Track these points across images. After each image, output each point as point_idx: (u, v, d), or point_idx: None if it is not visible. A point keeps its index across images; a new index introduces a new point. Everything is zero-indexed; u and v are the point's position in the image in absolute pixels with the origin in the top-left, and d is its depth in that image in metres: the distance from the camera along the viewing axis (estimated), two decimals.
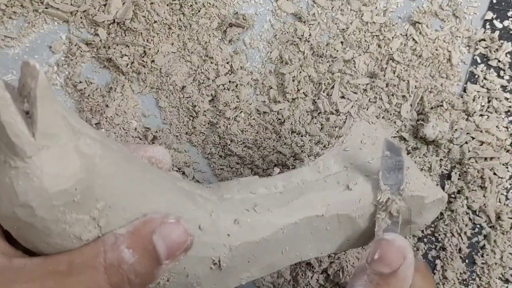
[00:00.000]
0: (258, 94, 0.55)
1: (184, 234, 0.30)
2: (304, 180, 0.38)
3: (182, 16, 0.56)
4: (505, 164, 0.53)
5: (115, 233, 0.28)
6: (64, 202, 0.26)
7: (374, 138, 0.41)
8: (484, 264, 0.50)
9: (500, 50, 0.56)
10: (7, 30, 0.55)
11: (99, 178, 0.28)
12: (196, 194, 0.34)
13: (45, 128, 0.25)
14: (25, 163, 0.25)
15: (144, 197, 0.30)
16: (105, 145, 0.29)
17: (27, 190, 0.26)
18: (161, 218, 0.30)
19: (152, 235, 0.29)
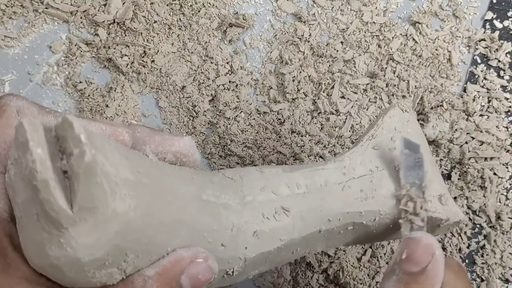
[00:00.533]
0: (258, 94, 0.55)
1: (210, 274, 0.30)
2: (328, 182, 0.36)
3: (182, 16, 0.56)
4: (505, 164, 0.53)
5: (143, 275, 0.28)
6: (95, 266, 0.26)
7: (406, 135, 0.38)
8: (484, 264, 0.50)
9: (500, 50, 0.56)
10: (7, 30, 0.55)
11: (131, 235, 0.27)
12: (220, 205, 0.33)
13: (85, 203, 0.25)
14: (60, 232, 0.25)
15: (169, 235, 0.29)
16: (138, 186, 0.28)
17: (59, 257, 0.25)
18: (190, 257, 0.29)
19: (180, 276, 0.29)
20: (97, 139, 0.26)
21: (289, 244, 0.35)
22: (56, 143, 0.26)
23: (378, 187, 0.37)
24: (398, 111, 0.39)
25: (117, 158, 0.27)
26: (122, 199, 0.26)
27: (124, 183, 0.27)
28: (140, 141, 0.33)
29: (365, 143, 0.38)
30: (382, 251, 0.51)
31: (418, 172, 0.36)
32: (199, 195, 0.32)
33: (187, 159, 0.34)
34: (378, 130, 0.38)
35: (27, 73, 0.55)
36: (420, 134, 0.40)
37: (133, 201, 0.27)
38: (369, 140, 0.38)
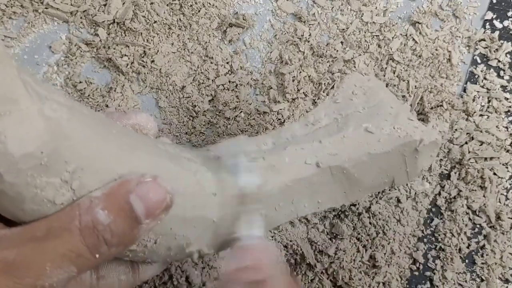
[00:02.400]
0: (258, 94, 0.55)
1: (162, 192, 0.30)
2: (294, 135, 0.37)
3: (182, 16, 0.56)
4: (505, 164, 0.53)
5: (90, 196, 0.28)
6: (31, 166, 0.26)
7: (366, 88, 0.39)
8: (484, 264, 0.50)
9: (500, 50, 0.56)
10: (7, 30, 0.55)
11: (68, 140, 0.27)
12: (181, 156, 0.33)
13: (4, 93, 0.25)
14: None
15: (120, 159, 0.29)
16: (75, 110, 0.28)
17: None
18: (137, 178, 0.29)
19: (128, 195, 0.29)
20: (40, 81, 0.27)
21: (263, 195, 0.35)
22: None
23: (345, 129, 0.37)
24: (357, 74, 0.41)
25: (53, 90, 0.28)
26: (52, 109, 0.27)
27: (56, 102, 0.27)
28: None
29: (327, 100, 0.39)
30: (382, 251, 0.51)
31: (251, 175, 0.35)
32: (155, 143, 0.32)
33: (146, 132, 0.35)
34: (338, 90, 0.40)
35: None
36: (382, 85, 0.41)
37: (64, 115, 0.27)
38: (331, 98, 0.39)
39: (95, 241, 0.28)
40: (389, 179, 0.39)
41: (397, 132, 0.37)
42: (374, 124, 0.37)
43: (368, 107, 0.38)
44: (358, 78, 0.40)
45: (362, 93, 0.39)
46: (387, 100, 0.39)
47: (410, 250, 0.51)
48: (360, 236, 0.51)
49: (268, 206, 0.35)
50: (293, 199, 0.36)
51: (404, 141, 0.37)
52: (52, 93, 0.28)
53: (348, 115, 0.38)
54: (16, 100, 0.26)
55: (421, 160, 0.39)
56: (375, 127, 0.37)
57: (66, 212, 0.28)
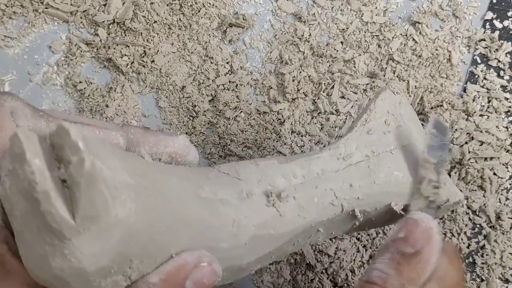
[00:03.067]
0: (258, 94, 0.55)
1: (215, 277, 0.30)
2: (324, 170, 0.36)
3: (182, 16, 0.56)
4: (505, 164, 0.53)
5: (147, 282, 0.28)
6: (101, 275, 0.26)
7: (399, 118, 0.38)
8: (484, 264, 0.50)
9: (500, 50, 0.56)
10: (7, 30, 0.55)
11: (134, 239, 0.27)
12: (218, 201, 0.32)
13: (87, 213, 0.24)
14: (63, 243, 0.24)
15: (171, 235, 0.29)
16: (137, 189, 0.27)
17: (63, 268, 0.25)
18: (194, 262, 0.29)
19: (185, 281, 0.29)
20: (93, 144, 0.25)
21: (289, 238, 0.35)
22: (52, 152, 0.25)
23: (376, 173, 0.36)
24: (389, 93, 0.39)
25: (114, 161, 0.27)
26: (122, 204, 0.26)
27: (123, 186, 0.26)
28: (134, 142, 0.32)
29: (359, 128, 0.38)
30: None
31: (442, 154, 0.35)
32: (197, 193, 0.32)
33: (182, 159, 0.34)
34: (371, 115, 0.38)
35: (27, 73, 0.55)
36: (413, 115, 0.40)
37: (133, 204, 0.26)
38: (363, 125, 0.38)
39: None
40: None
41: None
42: (405, 172, 0.37)
43: (400, 146, 0.37)
44: (391, 100, 0.39)
45: (395, 126, 0.38)
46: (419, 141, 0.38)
47: None
48: (360, 236, 0.51)
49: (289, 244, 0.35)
50: (311, 235, 0.36)
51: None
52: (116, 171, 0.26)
53: (380, 155, 0.37)
54: (97, 216, 0.25)
55: (438, 214, 0.39)
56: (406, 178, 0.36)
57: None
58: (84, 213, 0.24)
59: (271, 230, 0.34)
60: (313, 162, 0.36)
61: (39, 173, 0.23)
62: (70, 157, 0.24)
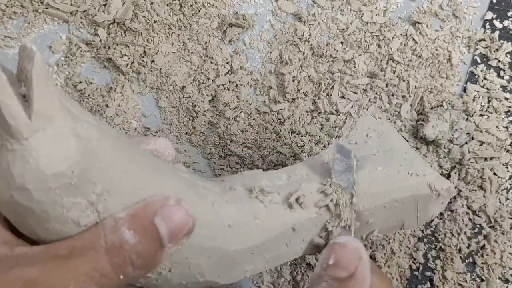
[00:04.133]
0: (258, 94, 0.55)
1: (185, 216, 0.30)
2: (308, 172, 0.37)
3: (182, 16, 0.56)
4: (505, 164, 0.53)
5: (114, 216, 0.28)
6: (60, 185, 0.26)
7: (380, 132, 0.40)
8: (484, 264, 0.50)
9: (500, 50, 0.56)
10: (7, 30, 0.55)
11: (97, 162, 0.27)
12: (199, 185, 0.33)
13: (41, 109, 0.25)
14: (21, 145, 0.25)
15: (144, 183, 0.30)
16: (104, 131, 0.29)
17: (23, 172, 0.26)
18: (162, 200, 0.29)
19: (153, 217, 0.29)
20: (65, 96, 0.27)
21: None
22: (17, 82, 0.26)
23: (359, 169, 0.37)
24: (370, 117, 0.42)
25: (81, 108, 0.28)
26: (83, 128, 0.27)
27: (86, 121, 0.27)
28: None
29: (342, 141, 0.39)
30: (382, 251, 0.51)
31: (349, 177, 0.36)
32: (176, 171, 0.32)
33: (165, 158, 0.35)
34: (352, 131, 0.40)
35: None
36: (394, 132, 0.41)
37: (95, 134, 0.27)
38: (345, 139, 0.40)
39: (121, 261, 0.28)
40: (399, 223, 0.39)
41: (411, 178, 0.37)
42: (389, 168, 0.37)
43: (382, 150, 0.38)
44: (372, 121, 0.41)
45: (377, 137, 0.39)
46: (401, 145, 0.39)
47: (410, 250, 0.51)
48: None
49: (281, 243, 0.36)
50: (303, 238, 0.36)
51: (418, 189, 0.37)
52: (81, 112, 0.28)
53: (363, 157, 0.38)
54: (51, 117, 0.26)
55: (432, 207, 0.39)
56: (390, 171, 0.37)
57: (91, 231, 0.28)
58: (37, 108, 0.25)
59: (257, 219, 0.34)
60: (297, 167, 0.38)
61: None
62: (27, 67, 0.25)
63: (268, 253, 0.35)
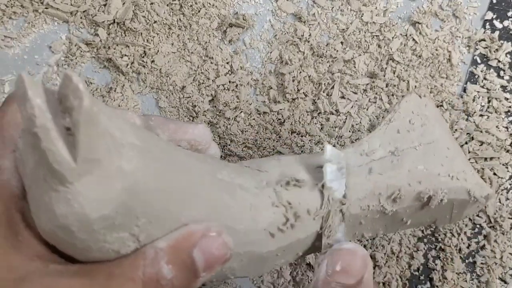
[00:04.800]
0: (258, 94, 0.55)
1: (224, 248, 0.29)
2: (348, 165, 0.36)
3: (182, 16, 0.56)
4: (505, 164, 0.53)
5: (155, 247, 0.28)
6: (105, 226, 0.26)
7: (424, 118, 0.38)
8: (484, 264, 0.50)
9: (500, 50, 0.56)
10: (7, 30, 0.55)
11: (140, 196, 0.27)
12: (236, 185, 0.32)
13: (87, 154, 0.24)
14: (66, 188, 0.24)
15: (184, 204, 0.29)
16: (146, 152, 0.27)
17: (67, 215, 0.25)
18: (203, 231, 0.29)
19: (192, 249, 0.28)
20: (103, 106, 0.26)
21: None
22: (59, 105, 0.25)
23: (399, 167, 0.36)
24: (414, 96, 0.39)
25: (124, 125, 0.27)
26: (128, 159, 0.26)
27: (130, 146, 0.26)
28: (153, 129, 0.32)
29: (382, 127, 0.38)
30: (382, 251, 0.51)
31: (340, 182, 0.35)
32: (214, 173, 0.32)
33: (202, 147, 0.34)
34: (395, 115, 0.38)
35: (27, 73, 0.55)
36: (439, 116, 0.39)
37: (140, 163, 0.27)
38: (387, 124, 0.38)
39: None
40: (431, 220, 0.38)
41: (452, 182, 0.36)
42: (430, 166, 0.36)
43: (424, 143, 0.37)
44: (416, 102, 0.39)
45: (420, 124, 0.38)
46: (444, 138, 0.38)
47: (410, 250, 0.51)
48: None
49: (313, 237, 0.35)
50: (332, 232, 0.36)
51: (456, 193, 0.36)
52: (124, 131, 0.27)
53: (404, 151, 0.37)
54: (98, 160, 0.25)
55: (467, 211, 0.38)
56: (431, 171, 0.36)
57: (131, 260, 0.27)
58: (83, 153, 0.24)
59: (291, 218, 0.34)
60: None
61: (39, 108, 0.23)
62: (72, 102, 0.24)
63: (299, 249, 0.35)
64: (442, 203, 0.36)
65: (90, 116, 0.24)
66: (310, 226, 0.34)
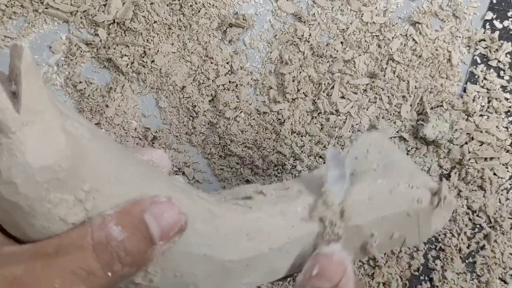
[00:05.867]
0: (258, 94, 0.55)
1: (177, 213, 0.29)
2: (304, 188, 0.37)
3: (182, 16, 0.56)
4: (505, 164, 0.53)
5: (103, 214, 0.28)
6: (48, 179, 0.26)
7: (381, 148, 0.39)
8: (484, 264, 0.50)
9: (500, 50, 0.56)
10: (7, 30, 0.55)
11: (87, 160, 0.27)
12: (193, 193, 0.33)
13: (29, 103, 0.25)
14: (9, 139, 0.25)
15: (136, 185, 0.29)
16: (96, 133, 0.28)
17: (10, 166, 0.25)
18: (151, 198, 0.29)
19: (143, 214, 0.28)
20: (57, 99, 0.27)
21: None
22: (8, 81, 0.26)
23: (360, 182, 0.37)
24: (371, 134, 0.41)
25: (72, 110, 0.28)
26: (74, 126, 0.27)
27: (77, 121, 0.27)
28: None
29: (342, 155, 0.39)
30: None
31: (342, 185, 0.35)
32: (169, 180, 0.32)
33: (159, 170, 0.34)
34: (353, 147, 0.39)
35: None
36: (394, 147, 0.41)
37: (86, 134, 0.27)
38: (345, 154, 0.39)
39: (108, 258, 0.27)
40: (400, 238, 0.38)
41: (412, 191, 0.36)
42: (389, 180, 0.37)
43: (383, 164, 0.38)
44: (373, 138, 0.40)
45: (377, 152, 0.39)
46: (402, 159, 0.39)
47: (410, 250, 0.51)
48: None
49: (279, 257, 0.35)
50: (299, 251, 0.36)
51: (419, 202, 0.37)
52: (72, 113, 0.28)
53: (363, 171, 0.37)
54: (40, 111, 0.26)
55: (434, 221, 0.38)
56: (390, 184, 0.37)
57: (78, 229, 0.28)
58: (26, 102, 0.25)
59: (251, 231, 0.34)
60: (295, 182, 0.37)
61: None
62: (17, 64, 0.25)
63: (264, 267, 0.35)
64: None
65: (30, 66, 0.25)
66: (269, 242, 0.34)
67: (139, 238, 0.28)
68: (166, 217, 0.29)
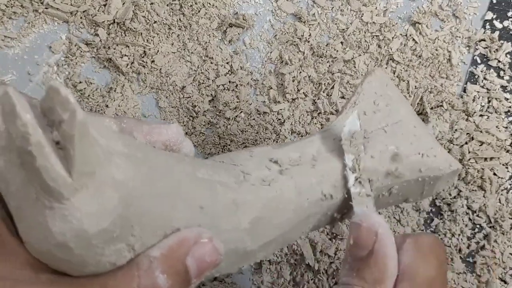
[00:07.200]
0: (258, 94, 0.55)
1: (216, 254, 0.29)
2: (319, 151, 0.36)
3: (182, 16, 0.56)
4: (505, 164, 0.53)
5: (149, 256, 0.28)
6: (104, 239, 0.25)
7: (387, 98, 0.39)
8: (484, 264, 0.50)
9: (500, 50, 0.56)
10: (7, 30, 0.55)
11: (133, 204, 0.26)
12: (216, 183, 0.32)
13: (83, 168, 0.23)
14: (62, 204, 0.24)
15: (172, 208, 0.29)
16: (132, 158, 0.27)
17: (65, 232, 0.24)
18: (195, 237, 0.29)
19: (186, 257, 0.28)
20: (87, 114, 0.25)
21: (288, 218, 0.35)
22: (44, 119, 0.24)
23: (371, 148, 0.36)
24: (375, 76, 0.40)
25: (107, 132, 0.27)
26: (118, 167, 0.25)
27: (118, 153, 0.26)
28: (127, 131, 0.32)
29: (348, 111, 0.38)
30: None
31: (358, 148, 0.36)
32: (194, 173, 0.32)
33: (177, 147, 0.34)
34: (359, 97, 0.39)
35: (27, 73, 0.55)
36: (401, 96, 0.40)
37: (129, 171, 0.26)
38: (353, 107, 0.39)
39: None
40: (402, 198, 0.39)
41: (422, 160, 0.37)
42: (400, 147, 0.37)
43: (391, 123, 0.38)
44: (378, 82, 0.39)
45: (384, 105, 0.38)
46: (409, 117, 0.39)
47: None
48: None
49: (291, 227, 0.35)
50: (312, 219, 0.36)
51: (427, 171, 0.37)
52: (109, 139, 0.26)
53: (373, 133, 0.37)
54: (92, 173, 0.24)
55: (438, 186, 0.39)
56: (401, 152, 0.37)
57: (124, 271, 0.27)
58: (79, 168, 0.23)
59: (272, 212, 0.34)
60: (307, 145, 0.37)
61: (31, 126, 0.22)
62: (61, 115, 0.23)
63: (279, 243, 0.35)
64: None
65: (83, 129, 0.23)
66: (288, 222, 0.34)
67: (180, 283, 0.28)
68: (207, 259, 0.29)
